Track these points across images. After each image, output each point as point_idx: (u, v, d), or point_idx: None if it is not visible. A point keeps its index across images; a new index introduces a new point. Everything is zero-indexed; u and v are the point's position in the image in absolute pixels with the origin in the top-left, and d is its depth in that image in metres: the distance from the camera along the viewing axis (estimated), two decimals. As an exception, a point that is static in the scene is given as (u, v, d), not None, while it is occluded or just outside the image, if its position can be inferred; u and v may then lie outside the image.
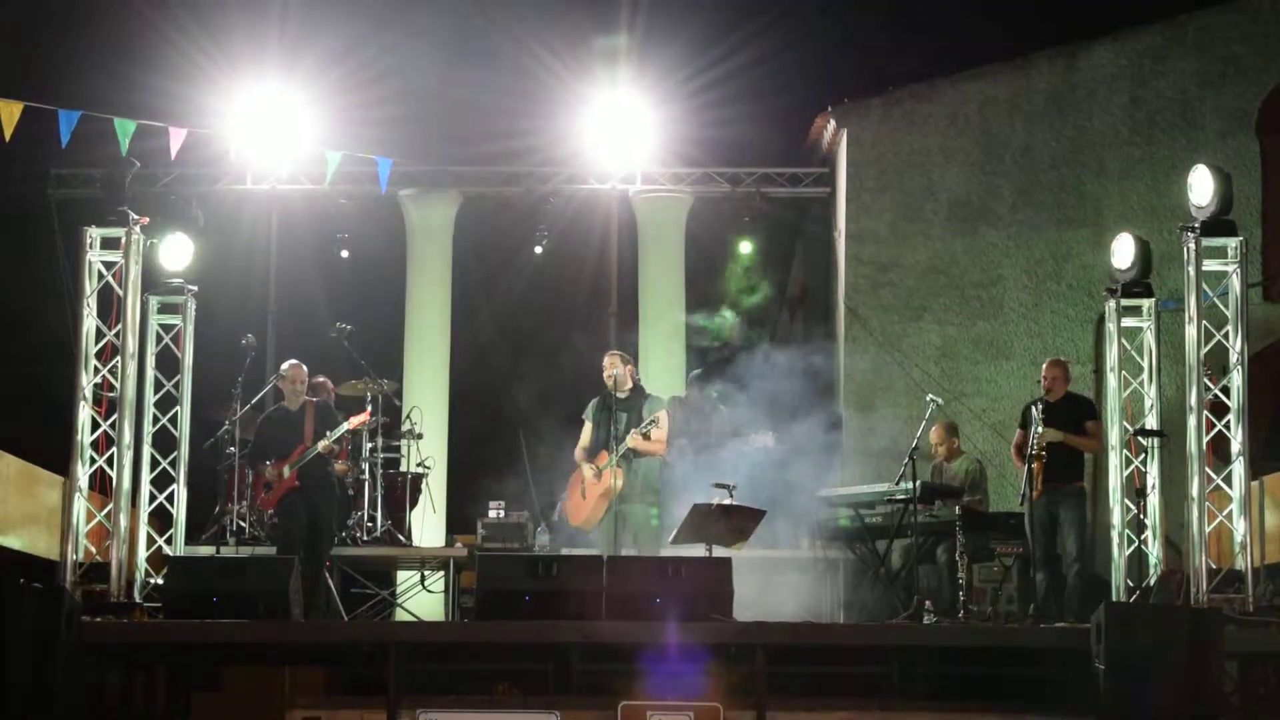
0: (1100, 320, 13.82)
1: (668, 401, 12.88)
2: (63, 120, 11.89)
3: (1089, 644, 10.21)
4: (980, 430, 14.92)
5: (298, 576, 11.17)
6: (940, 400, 13.06)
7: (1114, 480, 12.41)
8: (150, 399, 12.78)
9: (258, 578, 11.00)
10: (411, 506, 14.11)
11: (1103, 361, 13.43)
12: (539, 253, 16.79)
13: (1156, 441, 12.38)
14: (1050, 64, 16.06)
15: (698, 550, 11.61)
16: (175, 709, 11.73)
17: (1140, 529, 12.24)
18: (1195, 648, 9.95)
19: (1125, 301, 12.48)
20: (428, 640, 11.15)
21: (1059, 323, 15.68)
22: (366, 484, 13.77)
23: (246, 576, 11.00)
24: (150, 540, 12.69)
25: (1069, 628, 11.06)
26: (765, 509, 12.01)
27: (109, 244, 12.08)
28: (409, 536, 13.99)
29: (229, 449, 13.42)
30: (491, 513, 13.93)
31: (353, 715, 10.54)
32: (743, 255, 16.96)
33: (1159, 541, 12.32)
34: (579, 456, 12.48)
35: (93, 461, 11.98)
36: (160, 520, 12.83)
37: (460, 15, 16.94)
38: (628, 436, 12.06)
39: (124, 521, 11.77)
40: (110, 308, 12.00)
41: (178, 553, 12.56)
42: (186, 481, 12.79)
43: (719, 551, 11.53)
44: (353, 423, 12.54)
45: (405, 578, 14.79)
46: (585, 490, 12.36)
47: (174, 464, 12.76)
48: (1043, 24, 16.99)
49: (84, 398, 11.95)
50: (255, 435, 12.90)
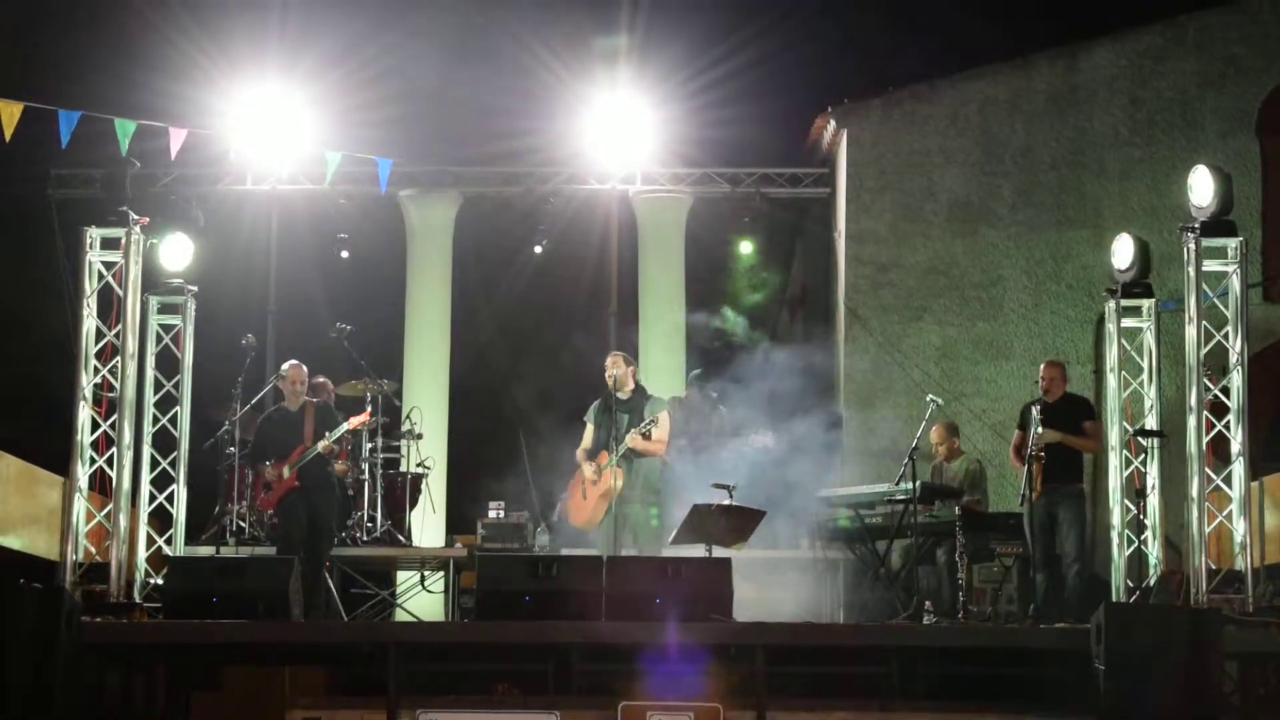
0: (1100, 321, 13.82)
1: (668, 402, 12.87)
2: (63, 120, 11.88)
3: (1089, 644, 10.20)
4: (980, 430, 14.92)
5: (298, 577, 11.17)
6: (940, 400, 13.06)
7: (1114, 481, 12.41)
8: (150, 399, 12.79)
9: (258, 578, 10.99)
10: (411, 507, 14.10)
11: (1103, 362, 13.43)
12: (539, 253, 16.77)
13: (1156, 442, 12.38)
14: (1050, 64, 16.05)
15: (698, 550, 11.61)
16: (175, 709, 11.72)
17: (1140, 529, 12.24)
18: (1195, 648, 9.94)
19: (1125, 302, 12.48)
20: (428, 640, 11.14)
21: (1059, 323, 15.68)
22: (366, 484, 13.76)
23: (246, 577, 10.99)
24: (150, 540, 12.70)
25: (1069, 628, 11.05)
26: (765, 509, 12.02)
27: (109, 244, 12.07)
28: (409, 537, 13.98)
29: (229, 449, 13.41)
30: (491, 513, 13.92)
31: (353, 715, 10.53)
32: (743, 255, 16.97)
33: (1159, 542, 12.33)
34: (580, 458, 12.48)
35: (93, 462, 11.98)
36: (160, 520, 12.84)
37: (460, 15, 16.95)
38: (627, 436, 12.07)
39: (124, 522, 11.77)
40: (110, 308, 12.00)
41: (178, 553, 12.58)
42: (186, 481, 12.81)
43: (719, 552, 11.53)
44: (353, 423, 12.54)
45: (405, 578, 14.78)
46: (586, 491, 12.37)
47: (174, 464, 12.77)
48: (1043, 24, 17.00)
49: (84, 398, 11.95)
50: (255, 435, 12.89)
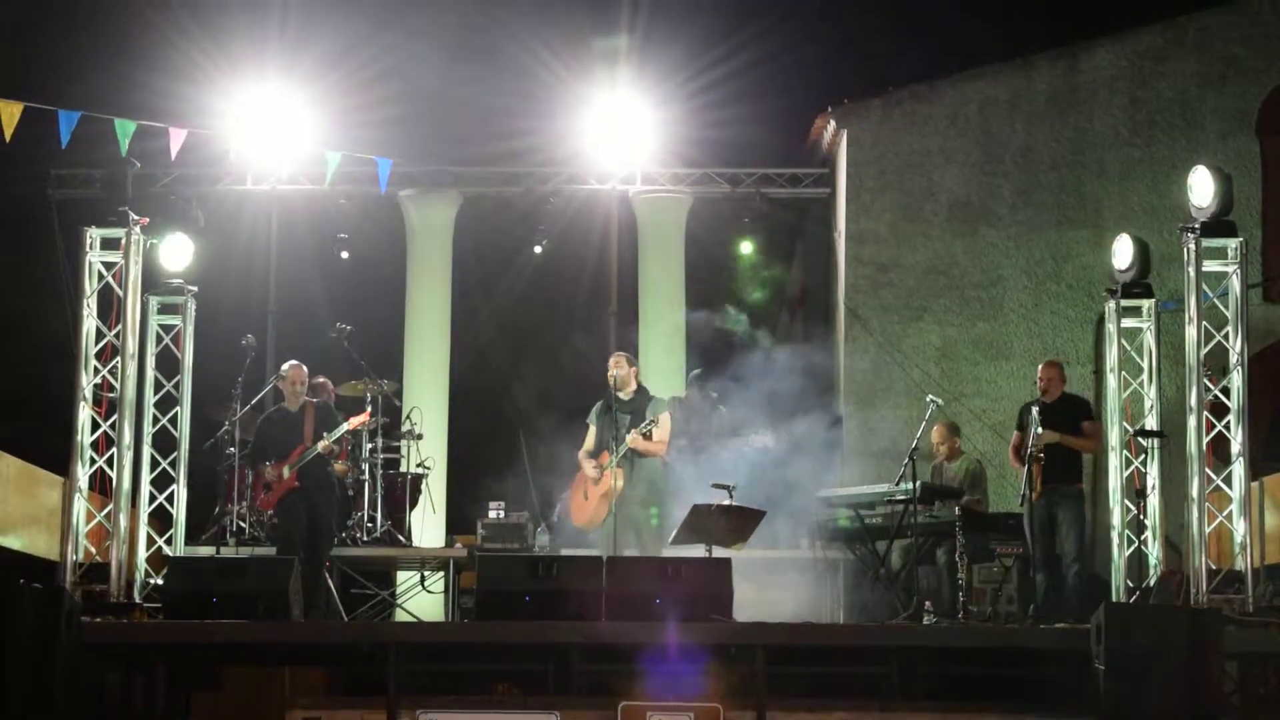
0: (1100, 321, 13.82)
1: (668, 402, 12.87)
2: (63, 121, 11.88)
3: (1089, 644, 10.20)
4: (980, 431, 14.91)
5: (298, 577, 11.17)
6: (940, 401, 13.06)
7: (1114, 481, 12.41)
8: (150, 399, 12.79)
9: (258, 578, 10.98)
10: (411, 507, 14.10)
11: (1103, 362, 13.42)
12: (539, 253, 16.76)
13: (1156, 442, 12.38)
14: (1051, 65, 16.06)
15: (698, 550, 11.61)
16: (175, 709, 11.72)
17: (1140, 529, 12.23)
18: (1195, 648, 9.94)
19: (1125, 302, 12.48)
20: (427, 640, 11.14)
21: (1059, 323, 15.68)
22: (366, 484, 13.76)
23: (246, 577, 10.99)
24: (150, 541, 12.70)
25: (1069, 628, 11.05)
26: (765, 509, 12.02)
27: (109, 244, 12.07)
28: (409, 537, 13.98)
29: (229, 449, 13.40)
30: (491, 513, 13.92)
31: (353, 715, 10.53)
32: (743, 255, 16.97)
33: (1159, 542, 12.33)
34: (582, 458, 12.48)
35: (93, 462, 11.97)
36: (160, 521, 12.84)
37: (460, 15, 16.93)
38: (628, 437, 12.07)
39: (124, 522, 11.77)
40: (110, 308, 12.00)
41: (178, 553, 12.58)
42: (186, 482, 12.81)
43: (719, 552, 11.53)
44: (352, 423, 12.54)
45: (405, 578, 14.78)
46: (588, 491, 12.38)
47: (174, 464, 12.77)
48: (1043, 25, 16.99)
49: (84, 398, 11.95)
50: (255, 436, 12.89)
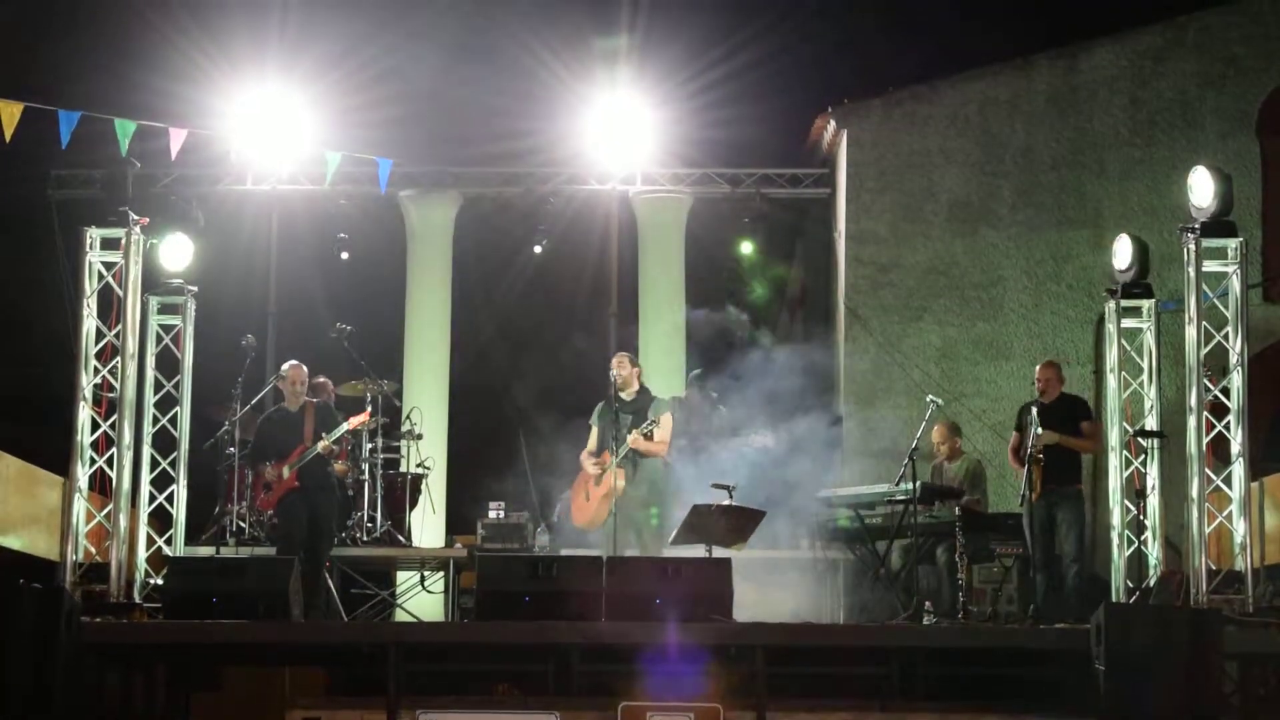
0: (1100, 321, 13.81)
1: (669, 402, 12.87)
2: (63, 121, 11.87)
3: (1089, 644, 10.20)
4: (980, 431, 14.91)
5: (298, 577, 11.17)
6: (940, 401, 13.06)
7: (1114, 481, 12.41)
8: (150, 399, 12.79)
9: (258, 578, 10.98)
10: (411, 507, 14.10)
11: (1103, 362, 13.43)
12: (539, 253, 16.76)
13: (1156, 442, 12.38)
14: (1051, 65, 16.05)
15: (698, 551, 11.61)
16: (175, 709, 11.72)
17: (1140, 530, 12.23)
18: (1195, 648, 9.94)
19: (1125, 302, 12.47)
20: (427, 641, 11.15)
21: (1059, 324, 15.68)
22: (366, 484, 13.76)
23: (246, 577, 10.99)
24: (150, 541, 12.70)
25: (1069, 628, 11.04)
26: (765, 510, 12.02)
27: (109, 244, 12.07)
28: (409, 537, 13.98)
29: (229, 449, 13.40)
30: (491, 513, 13.92)
31: (353, 715, 10.53)
32: (743, 256, 16.97)
33: (1159, 542, 12.32)
34: (585, 459, 12.49)
35: (93, 462, 11.97)
36: (160, 521, 12.84)
37: (460, 16, 16.94)
38: (629, 437, 12.07)
39: (124, 522, 11.77)
40: (110, 308, 12.00)
41: (178, 553, 12.58)
42: (186, 482, 12.81)
43: (719, 552, 11.53)
44: (352, 423, 12.55)
45: (405, 578, 14.78)
46: (589, 492, 12.38)
47: (174, 464, 12.77)
48: (1043, 25, 16.99)
49: (84, 398, 11.95)
50: (255, 436, 12.89)
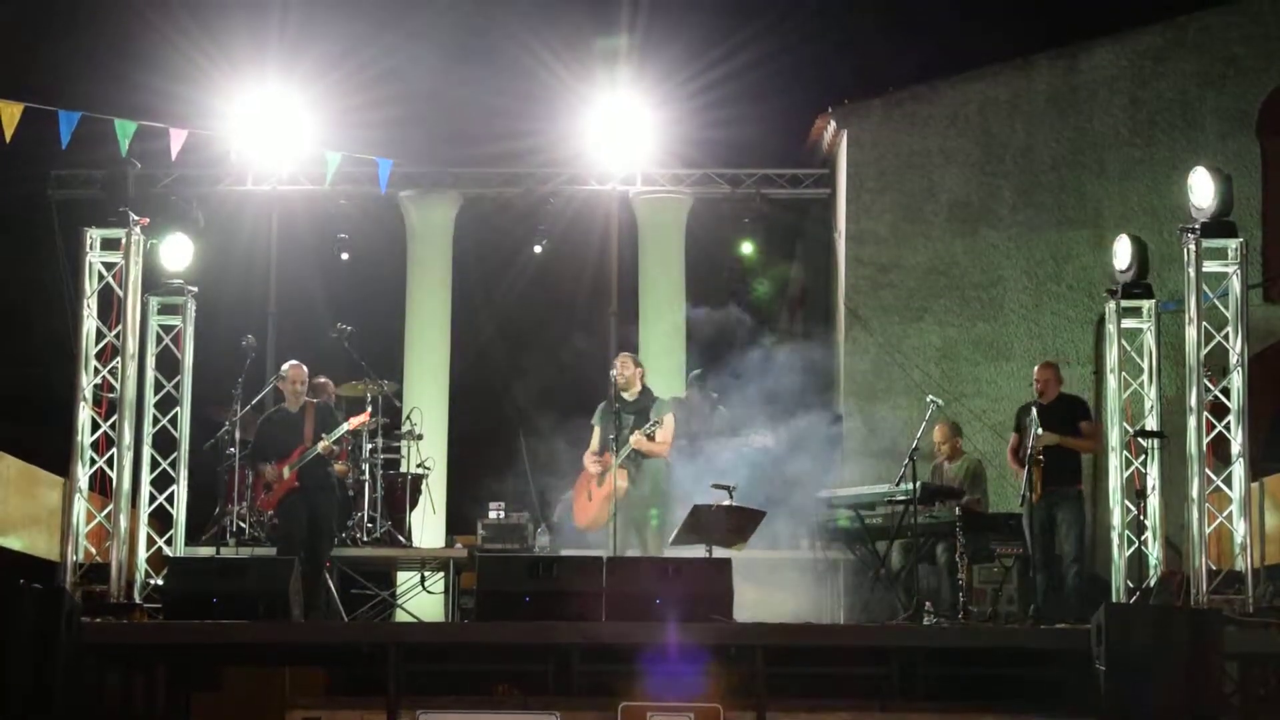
0: (1100, 321, 13.81)
1: (670, 403, 12.87)
2: (63, 121, 11.89)
3: (1089, 645, 10.20)
4: (980, 431, 14.90)
5: (298, 577, 11.17)
6: (940, 401, 13.06)
7: (1114, 481, 12.40)
8: (150, 400, 12.79)
9: (258, 578, 10.99)
10: (411, 507, 14.09)
11: (1103, 363, 13.42)
12: (539, 253, 16.76)
13: (1156, 443, 12.37)
14: (1051, 65, 16.05)
15: (698, 551, 11.61)
16: (175, 709, 11.72)
17: (1140, 530, 12.23)
18: (1195, 648, 9.94)
19: (1125, 303, 12.47)
20: (427, 641, 11.15)
21: (1059, 324, 15.68)
22: (366, 485, 13.75)
23: (246, 577, 11.00)
24: (150, 541, 12.70)
25: (1069, 628, 11.05)
26: (765, 510, 12.02)
27: (109, 245, 12.07)
28: (409, 537, 13.98)
29: (229, 450, 13.41)
30: (491, 514, 13.91)
31: (353, 716, 10.54)
32: (743, 256, 16.97)
33: (1159, 542, 12.32)
34: (588, 460, 12.49)
35: (93, 462, 11.97)
36: (160, 521, 12.84)
37: (460, 16, 16.94)
38: (631, 438, 12.08)
39: (124, 522, 11.77)
40: (110, 308, 12.00)
41: (178, 553, 12.57)
42: (186, 482, 12.81)
43: (719, 552, 11.53)
44: (353, 423, 12.55)
45: (405, 578, 14.77)
46: (591, 492, 12.39)
47: (174, 465, 12.77)
48: (1043, 25, 16.99)
49: (84, 398, 11.94)
50: (255, 436, 12.89)
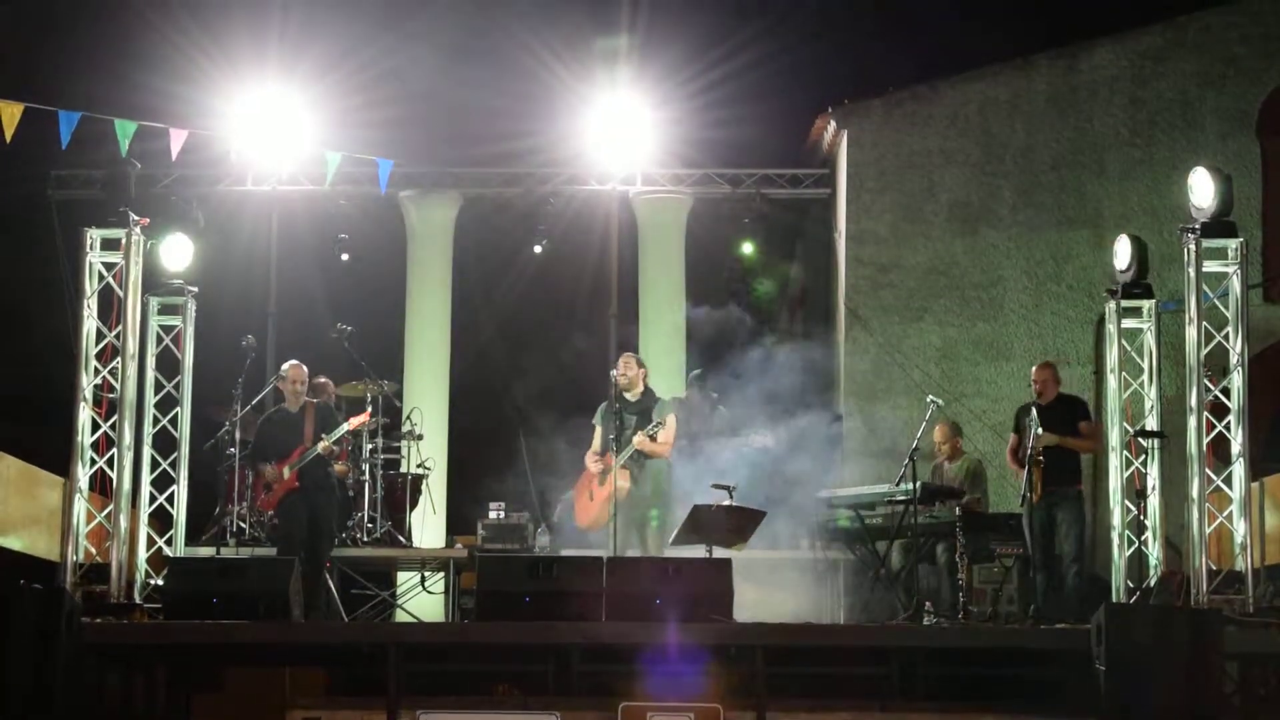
0: (1100, 321, 13.81)
1: (670, 403, 12.87)
2: (63, 121, 11.89)
3: (1089, 645, 10.20)
4: (980, 431, 14.90)
5: (298, 577, 11.17)
6: (940, 401, 13.07)
7: (1114, 481, 12.40)
8: (150, 400, 12.79)
9: (258, 579, 10.99)
10: (411, 507, 14.10)
11: (1103, 363, 13.42)
12: (539, 253, 16.77)
13: (1156, 443, 12.38)
14: (1051, 65, 16.06)
15: (698, 551, 11.61)
16: (175, 709, 11.72)
17: (1140, 530, 12.23)
18: (1195, 648, 9.94)
19: (1125, 303, 12.47)
20: (428, 641, 11.16)
21: (1059, 324, 15.68)
22: (366, 485, 13.76)
23: (247, 577, 11.00)
24: (150, 541, 12.71)
25: (1069, 628, 11.05)
26: (765, 510, 12.02)
27: (109, 245, 12.07)
28: (409, 537, 13.98)
29: (229, 450, 13.42)
30: (492, 514, 13.91)
31: (353, 716, 10.55)
32: (743, 256, 16.97)
33: (1159, 542, 12.32)
34: (590, 460, 12.49)
35: (93, 462, 11.97)
36: (160, 521, 12.84)
37: (460, 17, 16.94)
38: (634, 438, 12.09)
39: (124, 522, 11.77)
40: (111, 309, 12.00)
41: (178, 553, 12.58)
42: (187, 482, 12.81)
43: (719, 552, 11.53)
44: (353, 424, 12.56)
45: (405, 579, 14.77)
46: (593, 492, 12.40)
47: (174, 465, 12.78)
48: (1043, 25, 17.00)
49: (84, 399, 11.94)
50: (255, 436, 12.90)
